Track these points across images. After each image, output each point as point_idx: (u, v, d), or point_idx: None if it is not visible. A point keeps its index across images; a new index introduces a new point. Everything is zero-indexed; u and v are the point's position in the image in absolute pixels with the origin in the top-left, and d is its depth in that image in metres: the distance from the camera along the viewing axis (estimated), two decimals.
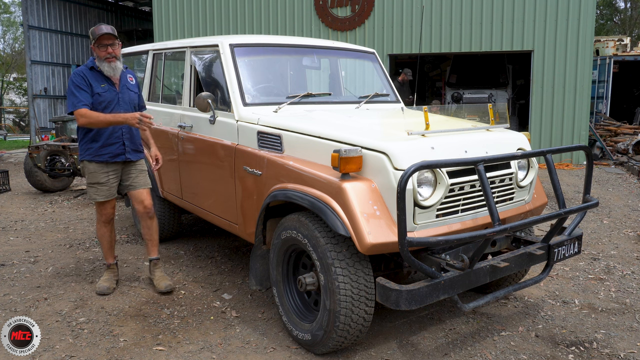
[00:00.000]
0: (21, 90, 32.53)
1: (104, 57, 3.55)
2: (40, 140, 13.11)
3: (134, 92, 3.78)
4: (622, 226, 5.64)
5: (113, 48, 3.56)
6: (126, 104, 3.70)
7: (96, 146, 3.64)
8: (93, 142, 3.64)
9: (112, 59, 3.57)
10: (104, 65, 3.56)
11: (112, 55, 3.56)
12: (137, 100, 3.83)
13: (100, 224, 3.81)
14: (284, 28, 11.29)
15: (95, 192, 3.71)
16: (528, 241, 3.15)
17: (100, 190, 3.70)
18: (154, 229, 3.89)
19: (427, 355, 2.96)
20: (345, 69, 4.46)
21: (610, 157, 10.50)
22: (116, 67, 3.60)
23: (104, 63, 3.56)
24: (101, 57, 3.55)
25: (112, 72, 3.60)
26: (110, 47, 3.55)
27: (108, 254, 3.89)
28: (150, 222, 3.85)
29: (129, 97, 3.73)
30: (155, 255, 3.92)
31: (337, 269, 2.63)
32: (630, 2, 30.60)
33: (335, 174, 2.70)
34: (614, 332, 3.23)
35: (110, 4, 17.38)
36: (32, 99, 14.55)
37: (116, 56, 3.58)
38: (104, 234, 3.83)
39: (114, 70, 3.59)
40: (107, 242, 3.86)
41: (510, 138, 3.17)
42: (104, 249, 3.89)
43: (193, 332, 3.22)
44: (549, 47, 10.02)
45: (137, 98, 3.82)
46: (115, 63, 3.59)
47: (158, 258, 3.93)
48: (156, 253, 3.92)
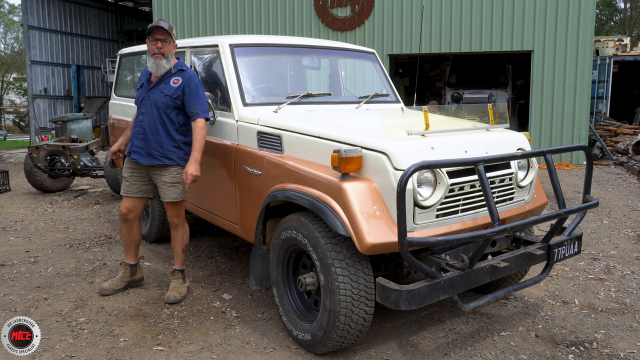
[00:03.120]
0: (21, 90, 32.53)
1: (152, 51, 3.47)
2: (40, 140, 13.10)
3: (166, 94, 3.48)
4: (622, 226, 5.64)
5: (163, 44, 3.44)
6: (151, 105, 3.51)
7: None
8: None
9: (158, 55, 3.45)
10: (150, 59, 3.48)
11: (160, 51, 3.44)
12: (169, 104, 3.49)
13: (120, 220, 3.80)
14: (284, 28, 11.29)
15: (122, 185, 3.74)
16: (528, 241, 3.15)
17: (124, 185, 3.69)
18: (176, 240, 3.72)
19: (427, 355, 2.96)
20: (345, 69, 4.46)
21: (610, 157, 10.50)
22: (160, 64, 3.47)
23: (151, 58, 3.48)
24: (150, 51, 3.48)
25: (155, 69, 3.48)
26: (161, 43, 3.44)
27: (127, 252, 3.83)
28: (174, 232, 3.72)
29: (157, 99, 3.49)
30: (176, 266, 3.77)
31: (337, 269, 2.63)
32: (630, 2, 30.60)
33: (335, 174, 2.70)
34: (614, 332, 3.23)
35: (110, 4, 17.38)
36: (32, 99, 14.56)
37: (164, 54, 3.45)
38: (121, 230, 3.80)
39: (157, 67, 3.47)
40: (125, 241, 3.80)
41: (510, 138, 3.17)
42: (125, 246, 3.84)
43: (193, 332, 3.22)
44: (549, 47, 10.02)
45: (168, 102, 3.48)
46: (161, 60, 3.46)
47: (178, 269, 3.76)
48: (177, 264, 3.76)
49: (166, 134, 3.52)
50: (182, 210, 3.72)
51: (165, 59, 3.47)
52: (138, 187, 3.67)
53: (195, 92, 3.50)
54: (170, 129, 3.53)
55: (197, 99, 3.49)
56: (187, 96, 3.48)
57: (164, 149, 3.53)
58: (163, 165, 3.56)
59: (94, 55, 16.79)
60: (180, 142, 3.57)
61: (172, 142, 3.54)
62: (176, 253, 3.75)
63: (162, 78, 3.53)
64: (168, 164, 3.55)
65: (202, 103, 3.50)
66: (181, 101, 3.49)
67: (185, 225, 3.74)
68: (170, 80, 3.52)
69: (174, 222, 3.70)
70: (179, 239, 3.73)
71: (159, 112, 3.50)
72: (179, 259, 3.76)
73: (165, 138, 3.53)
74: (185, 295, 3.73)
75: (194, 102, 3.48)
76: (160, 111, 3.50)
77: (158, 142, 3.52)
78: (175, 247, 3.74)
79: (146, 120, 3.53)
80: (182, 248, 3.75)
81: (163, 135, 3.52)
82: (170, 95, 3.48)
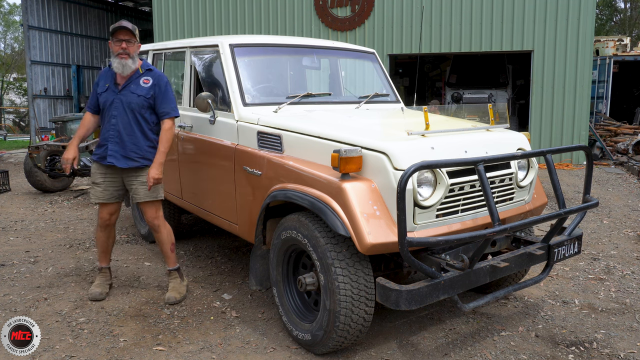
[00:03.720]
0: (21, 90, 32.53)
1: (117, 52, 3.43)
2: (40, 140, 13.10)
3: (139, 95, 3.49)
4: (622, 226, 5.64)
5: (128, 45, 3.43)
6: (124, 107, 3.49)
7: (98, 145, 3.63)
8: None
9: (124, 56, 3.43)
10: (115, 60, 3.44)
11: (125, 51, 3.43)
12: (143, 104, 3.50)
13: (97, 227, 3.75)
14: (284, 28, 11.29)
15: (92, 192, 3.67)
16: (528, 241, 3.15)
17: (95, 191, 3.62)
18: (161, 241, 3.72)
19: (427, 355, 2.96)
20: (345, 69, 4.46)
21: (610, 157, 10.50)
22: (126, 64, 3.44)
23: (116, 59, 3.44)
24: (115, 52, 3.45)
25: (121, 70, 3.46)
26: (125, 43, 3.42)
27: (101, 256, 3.82)
28: (157, 235, 3.71)
29: (129, 100, 3.48)
30: (170, 266, 3.77)
31: (337, 269, 2.63)
32: (630, 2, 30.60)
33: (335, 174, 2.70)
34: (614, 332, 3.23)
35: (110, 4, 17.37)
36: (32, 99, 14.55)
37: (129, 54, 3.44)
38: (99, 237, 3.76)
39: (123, 67, 3.45)
40: (102, 246, 3.78)
41: (510, 138, 3.17)
42: (98, 252, 3.83)
43: (193, 332, 3.22)
44: (549, 47, 10.03)
45: (141, 102, 3.49)
46: (126, 61, 3.44)
47: (173, 269, 3.76)
48: (170, 264, 3.77)
49: (142, 134, 3.53)
50: (161, 210, 3.72)
51: (131, 59, 3.46)
52: (111, 192, 3.63)
53: (165, 91, 3.55)
54: (146, 129, 3.55)
55: (168, 98, 3.56)
56: (158, 95, 3.52)
57: (141, 150, 3.54)
58: (141, 167, 3.56)
59: (94, 55, 16.78)
60: (154, 142, 3.59)
61: (148, 142, 3.56)
62: (166, 254, 3.75)
63: (130, 79, 3.52)
64: (146, 164, 3.56)
65: (172, 102, 3.58)
66: (153, 100, 3.53)
67: (166, 225, 3.73)
68: (139, 80, 3.53)
69: (155, 224, 3.67)
70: (164, 240, 3.71)
71: (134, 113, 3.50)
72: (170, 259, 3.76)
73: (142, 139, 3.54)
74: (185, 294, 3.74)
75: (165, 101, 3.54)
76: (135, 112, 3.50)
77: (135, 143, 3.52)
78: (163, 248, 3.73)
79: (120, 122, 3.49)
80: (170, 247, 3.73)
81: (139, 136, 3.52)
82: (144, 96, 3.50)
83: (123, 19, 3.49)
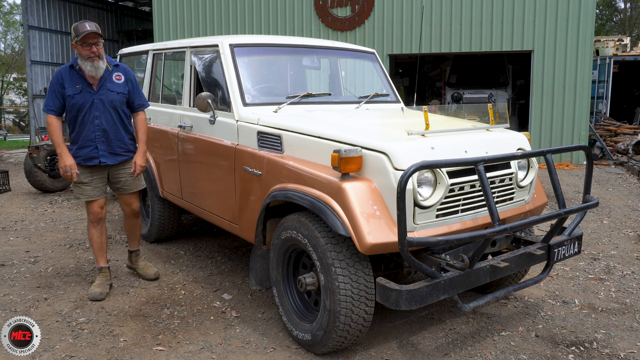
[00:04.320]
0: (21, 90, 32.52)
1: (87, 55, 3.43)
2: (40, 140, 13.10)
3: (118, 92, 3.60)
4: (622, 226, 5.64)
5: (97, 47, 3.45)
6: (104, 106, 3.56)
7: (74, 147, 3.62)
8: (73, 143, 3.64)
9: (95, 58, 3.45)
10: (87, 64, 3.45)
11: (95, 54, 3.44)
12: (123, 100, 3.65)
13: (89, 224, 3.78)
14: (284, 28, 11.29)
15: (79, 192, 3.69)
16: (528, 241, 3.15)
17: (84, 190, 3.66)
18: (138, 225, 4.07)
19: (427, 355, 2.96)
20: (345, 69, 4.46)
21: (610, 157, 10.50)
22: (99, 66, 3.48)
23: (87, 62, 3.45)
24: (84, 55, 3.44)
25: (95, 72, 3.48)
26: (95, 46, 3.44)
27: (99, 256, 3.84)
28: (136, 220, 4.02)
29: (111, 99, 3.57)
30: (137, 247, 4.12)
31: (337, 269, 2.63)
32: (630, 2, 30.60)
33: (335, 174, 2.70)
34: (614, 332, 3.23)
35: (110, 4, 17.37)
36: (32, 99, 14.55)
37: (99, 55, 3.47)
38: (92, 235, 3.78)
39: (97, 69, 3.48)
40: (97, 244, 3.81)
41: (510, 138, 3.17)
42: (95, 251, 3.84)
43: (193, 332, 3.22)
44: (549, 47, 10.02)
45: (122, 99, 3.63)
46: (98, 62, 3.47)
47: (139, 249, 4.14)
48: (137, 245, 4.12)
49: (124, 129, 3.72)
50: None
51: (101, 60, 3.52)
52: (100, 189, 3.74)
53: (137, 85, 3.79)
54: (127, 123, 3.76)
55: (139, 90, 3.81)
56: (131, 90, 3.72)
57: (125, 144, 3.73)
58: (127, 160, 3.78)
59: None
60: (132, 133, 3.83)
61: (129, 135, 3.77)
62: (137, 236, 4.10)
63: (102, 77, 3.57)
64: (131, 156, 3.79)
65: (142, 94, 3.86)
66: (129, 95, 3.71)
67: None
68: (112, 77, 3.61)
69: (136, 211, 3.97)
70: (139, 224, 4.10)
71: (117, 110, 3.63)
72: (137, 240, 4.12)
73: (125, 133, 3.72)
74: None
75: (139, 94, 3.79)
76: (118, 109, 3.64)
77: (120, 139, 3.69)
78: (137, 231, 4.09)
79: (105, 121, 3.58)
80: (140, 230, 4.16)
81: (122, 131, 3.70)
82: (122, 92, 3.65)
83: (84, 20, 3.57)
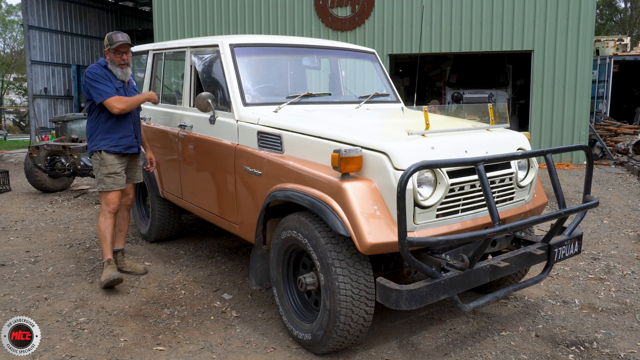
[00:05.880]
0: (21, 90, 32.53)
1: (118, 62, 3.82)
2: (40, 140, 13.10)
3: (137, 92, 4.07)
4: (622, 226, 5.64)
5: (127, 56, 3.85)
6: None
7: (115, 137, 3.87)
8: (109, 133, 3.86)
9: (125, 65, 3.85)
10: (117, 70, 3.84)
11: (125, 62, 3.84)
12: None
13: (106, 215, 3.90)
14: (284, 28, 11.29)
15: (113, 182, 3.88)
16: (528, 241, 3.15)
17: (118, 180, 3.89)
18: (128, 220, 4.23)
19: (427, 355, 2.96)
20: (345, 69, 4.46)
21: (610, 157, 10.50)
22: (127, 72, 3.90)
23: (117, 68, 3.84)
24: (115, 62, 3.82)
25: (124, 77, 3.89)
26: (126, 55, 3.84)
27: (109, 248, 3.93)
28: (127, 214, 4.20)
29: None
30: (123, 246, 4.21)
31: (337, 269, 2.63)
32: (630, 2, 30.60)
33: (335, 174, 2.71)
34: (614, 331, 3.24)
35: (110, 4, 17.37)
36: (32, 99, 14.55)
37: (128, 63, 3.87)
38: (108, 225, 3.89)
39: (126, 75, 3.89)
40: (111, 234, 3.93)
41: (510, 138, 3.17)
42: (107, 243, 3.91)
43: (193, 332, 3.22)
44: (549, 47, 10.03)
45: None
46: (127, 69, 3.88)
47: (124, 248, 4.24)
48: (123, 243, 4.22)
49: (140, 125, 4.11)
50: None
51: (129, 66, 3.92)
52: (125, 178, 4.03)
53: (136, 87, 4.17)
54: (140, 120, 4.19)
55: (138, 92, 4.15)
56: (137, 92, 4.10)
57: (140, 138, 4.12)
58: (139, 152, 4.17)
59: (94, 55, 16.77)
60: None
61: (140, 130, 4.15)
62: (125, 232, 4.20)
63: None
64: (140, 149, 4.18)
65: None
66: None
67: None
68: (131, 80, 4.06)
69: (131, 201, 4.20)
70: (128, 218, 4.24)
71: (137, 108, 4.05)
72: (124, 237, 4.21)
73: (140, 129, 4.11)
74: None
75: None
76: (138, 108, 4.05)
77: (139, 132, 4.09)
78: (126, 227, 4.20)
79: (133, 118, 4.00)
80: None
81: (139, 127, 4.09)
82: (138, 92, 4.08)
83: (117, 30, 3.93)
